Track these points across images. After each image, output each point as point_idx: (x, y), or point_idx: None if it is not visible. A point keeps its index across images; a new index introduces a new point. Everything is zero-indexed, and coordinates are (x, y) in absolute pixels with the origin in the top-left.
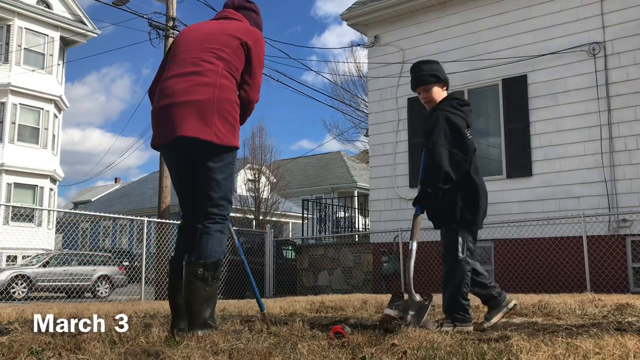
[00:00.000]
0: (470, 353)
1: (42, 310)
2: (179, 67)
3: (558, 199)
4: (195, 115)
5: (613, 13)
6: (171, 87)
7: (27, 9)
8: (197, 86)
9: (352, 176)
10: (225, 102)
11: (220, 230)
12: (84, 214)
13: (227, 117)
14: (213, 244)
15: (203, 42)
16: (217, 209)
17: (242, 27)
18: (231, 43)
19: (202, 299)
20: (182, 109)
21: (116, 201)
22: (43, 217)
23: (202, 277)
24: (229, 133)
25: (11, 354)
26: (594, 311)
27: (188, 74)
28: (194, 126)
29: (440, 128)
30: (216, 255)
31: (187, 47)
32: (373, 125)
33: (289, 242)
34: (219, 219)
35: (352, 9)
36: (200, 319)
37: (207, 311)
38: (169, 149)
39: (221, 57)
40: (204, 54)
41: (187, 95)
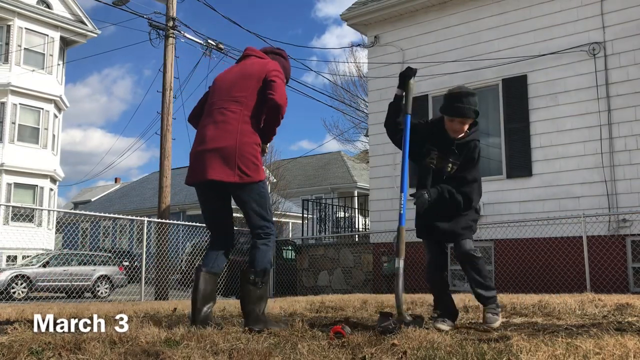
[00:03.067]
0: (470, 353)
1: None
2: (210, 116)
3: (558, 199)
4: (222, 160)
5: (613, 13)
6: (203, 135)
7: (27, 9)
8: (223, 133)
9: (352, 176)
10: (246, 145)
11: (264, 243)
12: (84, 214)
13: (249, 157)
14: (260, 255)
15: (228, 91)
16: (259, 229)
17: (259, 65)
18: (249, 85)
19: (254, 299)
20: (212, 155)
21: (116, 201)
22: (43, 217)
23: (253, 282)
24: (252, 171)
25: (11, 354)
26: (594, 311)
27: (216, 122)
28: (220, 170)
29: (478, 163)
30: (263, 264)
31: (217, 98)
32: (373, 125)
33: (289, 242)
34: (263, 235)
35: (352, 9)
36: (254, 315)
37: (258, 309)
38: (201, 188)
39: (241, 102)
40: (228, 103)
41: (214, 142)
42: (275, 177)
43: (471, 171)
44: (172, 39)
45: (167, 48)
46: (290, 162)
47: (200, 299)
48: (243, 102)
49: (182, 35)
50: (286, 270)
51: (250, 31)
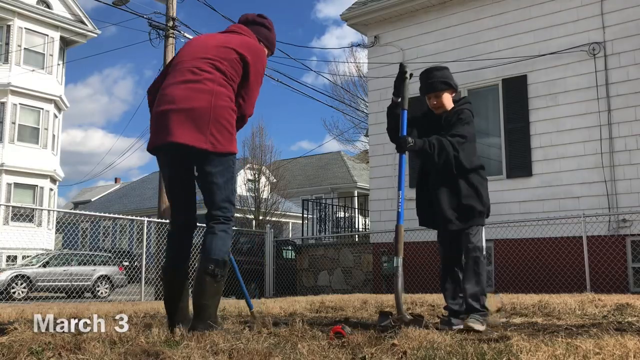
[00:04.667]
0: (470, 353)
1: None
2: (179, 74)
3: (558, 199)
4: (192, 123)
5: (613, 13)
6: (170, 93)
7: (27, 9)
8: (195, 92)
9: (352, 176)
10: (222, 109)
11: (224, 230)
12: (84, 214)
13: (224, 124)
14: (218, 243)
15: (203, 53)
16: (220, 211)
17: (244, 42)
18: (230, 56)
19: (209, 294)
20: (180, 115)
21: (116, 201)
22: (43, 217)
23: (212, 273)
24: (225, 140)
25: (11, 354)
26: (594, 311)
27: (187, 81)
28: (190, 134)
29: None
30: (222, 254)
31: (188, 57)
32: (373, 125)
33: (289, 242)
34: (223, 220)
35: (352, 9)
36: (206, 313)
37: (212, 307)
38: (163, 153)
39: (218, 68)
40: (202, 64)
41: (185, 102)
42: (275, 177)
43: (458, 128)
44: (172, 39)
45: (167, 48)
46: (290, 162)
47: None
48: (220, 69)
49: (182, 35)
50: (286, 270)
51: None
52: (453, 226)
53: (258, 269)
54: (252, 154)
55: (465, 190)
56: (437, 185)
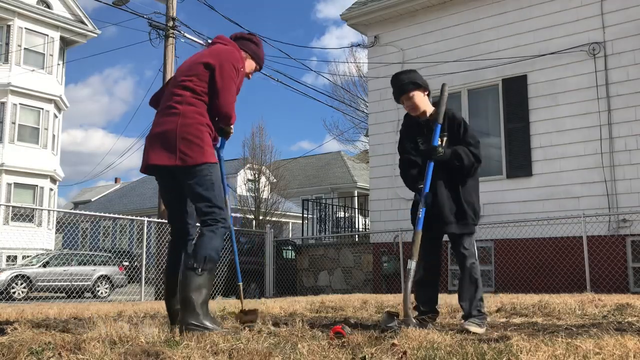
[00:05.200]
0: (470, 353)
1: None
2: (162, 102)
3: (558, 199)
4: (162, 145)
5: (613, 13)
6: (154, 120)
7: (27, 9)
8: (166, 117)
9: (352, 176)
10: (188, 126)
11: (211, 230)
12: (84, 214)
13: (192, 139)
14: (204, 241)
15: (179, 76)
16: (206, 216)
17: (213, 50)
18: (197, 70)
19: (191, 287)
20: (154, 140)
21: (116, 201)
22: (43, 217)
23: (191, 267)
24: (195, 153)
25: (11, 354)
26: (594, 311)
27: (163, 108)
28: (161, 155)
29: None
30: (205, 250)
31: (171, 85)
32: (373, 125)
33: (289, 242)
34: (210, 222)
35: (352, 9)
36: (191, 305)
37: (197, 300)
38: (152, 174)
39: (187, 87)
40: (176, 88)
41: (158, 127)
42: (275, 177)
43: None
44: (172, 39)
45: (167, 48)
46: (290, 162)
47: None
48: (189, 87)
49: (182, 35)
50: (286, 270)
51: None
52: (452, 228)
53: (258, 269)
54: (252, 154)
55: (467, 196)
56: (438, 188)
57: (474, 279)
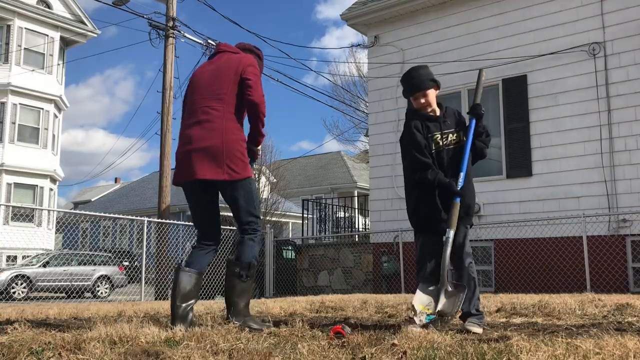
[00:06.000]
0: (470, 353)
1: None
2: (193, 116)
3: (558, 199)
4: (210, 159)
5: (613, 13)
6: (189, 134)
7: (27, 9)
8: (208, 132)
9: (352, 176)
10: (233, 142)
11: (251, 239)
12: (84, 214)
13: (237, 155)
14: (246, 249)
15: (208, 88)
16: (247, 225)
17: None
18: (228, 81)
19: (238, 292)
20: (199, 154)
21: (116, 201)
22: (43, 217)
23: (237, 275)
24: (240, 168)
25: (11, 354)
26: (594, 311)
27: (200, 122)
28: (210, 170)
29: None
30: (248, 258)
31: (198, 96)
32: (373, 125)
33: (289, 242)
34: (250, 231)
35: (353, 9)
36: (238, 307)
37: (242, 302)
38: (189, 187)
39: (223, 100)
40: (210, 101)
41: (202, 141)
42: (275, 177)
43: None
44: (172, 39)
45: (167, 48)
46: (290, 162)
47: (180, 297)
48: (224, 99)
49: (182, 35)
50: (286, 270)
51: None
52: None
53: (258, 269)
54: None
55: (472, 189)
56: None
57: (472, 278)
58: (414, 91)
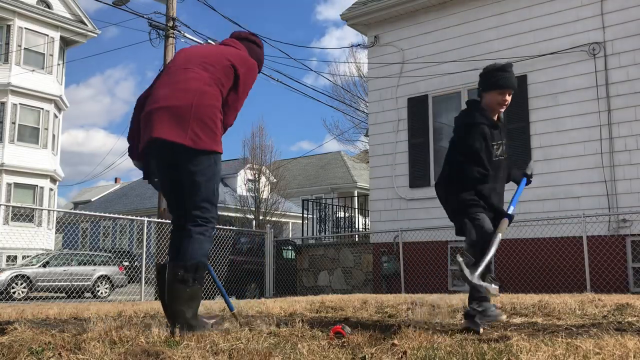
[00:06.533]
0: (470, 353)
1: (42, 310)
2: (168, 77)
3: (558, 199)
4: (173, 119)
5: (613, 13)
6: (156, 94)
7: (27, 9)
8: (178, 91)
9: (352, 176)
10: (206, 107)
11: (201, 232)
12: (84, 214)
13: (207, 122)
14: (194, 246)
15: (195, 58)
16: (199, 212)
17: (238, 54)
18: (223, 63)
19: (182, 300)
20: (162, 112)
21: (116, 201)
22: (43, 217)
23: (182, 279)
24: (208, 138)
25: (11, 354)
26: (594, 311)
27: (173, 82)
28: (170, 130)
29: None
30: (196, 258)
31: (180, 62)
32: (373, 125)
33: (289, 242)
34: (201, 222)
35: (353, 9)
36: (182, 319)
37: (189, 312)
38: (150, 153)
39: (209, 71)
40: (194, 65)
41: (168, 100)
42: (275, 177)
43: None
44: (172, 39)
45: (167, 48)
46: (290, 162)
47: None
48: (210, 71)
49: (182, 35)
50: (286, 270)
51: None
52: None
53: (258, 269)
54: (252, 154)
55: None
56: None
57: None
58: (505, 87)
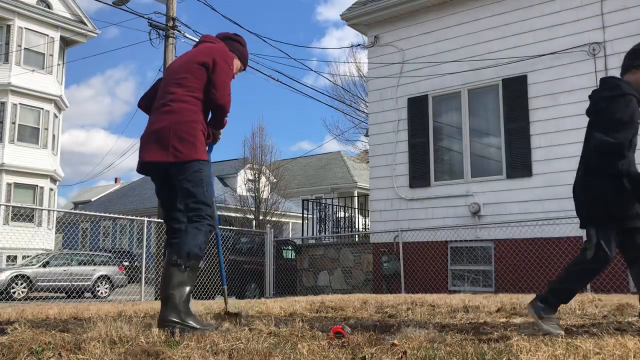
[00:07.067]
0: (470, 353)
1: (42, 310)
2: (156, 101)
3: (558, 199)
4: (157, 142)
5: (613, 13)
6: (149, 120)
7: (27, 9)
8: (160, 115)
9: (352, 176)
10: (182, 124)
11: (195, 227)
12: (84, 214)
13: (185, 137)
14: (188, 238)
15: (173, 75)
16: (192, 212)
17: (204, 49)
18: (191, 68)
19: (173, 284)
20: (149, 137)
21: (116, 201)
22: (43, 217)
23: (174, 263)
24: (188, 149)
25: (11, 354)
26: (594, 311)
27: (158, 107)
28: (155, 152)
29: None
30: (188, 246)
31: (164, 82)
32: (373, 125)
33: (289, 242)
34: (195, 218)
35: (353, 9)
36: (172, 301)
37: (178, 296)
38: (147, 173)
39: (181, 84)
40: (170, 86)
41: (152, 125)
42: (275, 177)
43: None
44: (172, 39)
45: (167, 48)
46: (290, 162)
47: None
48: (183, 84)
49: (182, 35)
50: (286, 270)
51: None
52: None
53: (258, 269)
54: (252, 154)
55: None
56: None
57: None
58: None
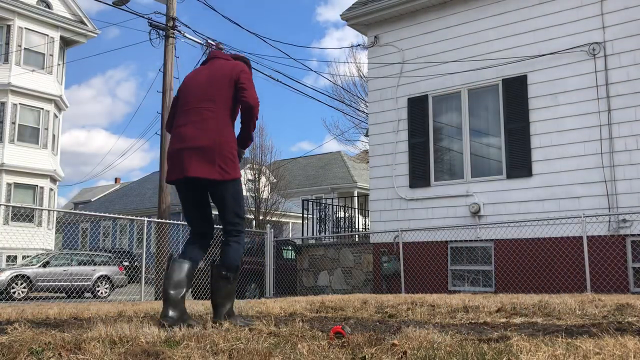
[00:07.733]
0: (470, 353)
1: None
2: (187, 116)
3: (558, 199)
4: (202, 158)
5: (613, 13)
6: (183, 133)
7: (27, 9)
8: (202, 132)
9: (352, 176)
10: (225, 144)
11: (236, 241)
12: (84, 214)
13: (228, 156)
14: (231, 252)
15: (203, 91)
16: (232, 226)
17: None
18: (223, 84)
19: (224, 294)
20: (192, 153)
21: (116, 201)
22: (43, 217)
23: (224, 277)
24: (230, 168)
25: (11, 354)
26: (594, 311)
27: (194, 122)
28: (202, 168)
29: None
30: (236, 261)
31: (192, 98)
32: (373, 125)
33: (289, 242)
34: (235, 233)
35: (353, 9)
36: (224, 309)
37: (228, 304)
38: (182, 184)
39: (217, 102)
40: (204, 103)
41: (195, 141)
42: (275, 177)
43: None
44: (172, 39)
45: (167, 48)
46: (290, 162)
47: (172, 284)
48: (218, 102)
49: (182, 35)
50: (286, 270)
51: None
52: None
53: (258, 269)
54: (252, 154)
55: None
56: None
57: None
58: None
